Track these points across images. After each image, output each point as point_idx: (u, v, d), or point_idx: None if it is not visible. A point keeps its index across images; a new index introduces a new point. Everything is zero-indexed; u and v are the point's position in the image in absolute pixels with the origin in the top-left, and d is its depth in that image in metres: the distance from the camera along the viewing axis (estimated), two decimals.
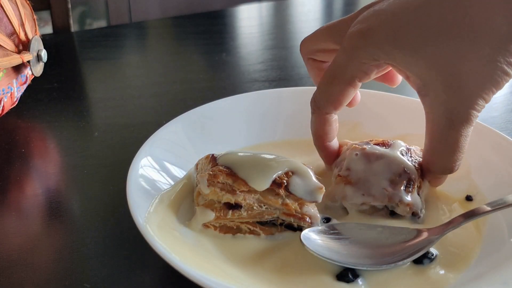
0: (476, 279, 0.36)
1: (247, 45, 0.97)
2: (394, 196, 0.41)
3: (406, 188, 0.41)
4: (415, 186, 0.42)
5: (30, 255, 0.42)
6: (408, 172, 0.42)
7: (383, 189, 0.41)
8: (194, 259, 0.37)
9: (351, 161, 0.43)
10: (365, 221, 0.42)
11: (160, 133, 0.48)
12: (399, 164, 0.42)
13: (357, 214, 0.42)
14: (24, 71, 0.62)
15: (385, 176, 0.41)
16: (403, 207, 0.41)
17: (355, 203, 0.42)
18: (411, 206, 0.41)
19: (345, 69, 0.41)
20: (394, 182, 0.41)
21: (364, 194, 0.41)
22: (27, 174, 0.54)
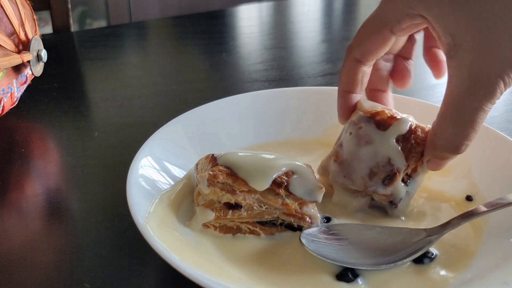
0: (476, 279, 0.36)
1: (247, 45, 0.97)
2: (370, 187, 0.42)
3: (384, 180, 0.41)
4: (397, 178, 0.41)
5: (30, 255, 0.42)
6: (392, 164, 0.41)
7: (361, 177, 0.42)
8: (194, 259, 0.37)
9: (344, 138, 0.44)
10: (366, 220, 0.43)
11: (160, 133, 0.48)
12: (385, 155, 0.41)
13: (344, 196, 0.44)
14: (24, 71, 0.62)
15: (368, 164, 0.41)
16: (379, 197, 0.42)
17: (337, 181, 0.43)
18: (387, 197, 0.42)
19: (380, 14, 0.40)
20: (374, 172, 0.41)
21: (345, 176, 0.42)
22: (27, 174, 0.54)
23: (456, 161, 0.47)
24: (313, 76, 0.78)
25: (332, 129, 0.54)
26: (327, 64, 0.83)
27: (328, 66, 0.82)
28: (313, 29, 1.07)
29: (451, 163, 0.47)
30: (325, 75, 0.78)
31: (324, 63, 0.84)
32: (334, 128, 0.54)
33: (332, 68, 0.81)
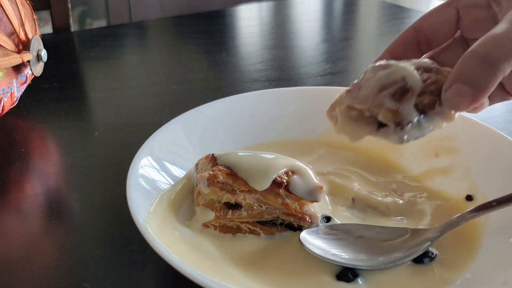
0: (476, 279, 0.36)
1: (247, 45, 0.97)
2: (376, 99, 0.36)
3: (395, 94, 0.36)
4: (409, 95, 0.36)
5: (30, 255, 0.42)
6: (406, 82, 0.36)
7: (370, 92, 0.37)
8: (194, 259, 0.37)
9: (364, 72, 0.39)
10: (366, 220, 0.43)
11: (160, 133, 0.48)
12: (401, 74, 0.37)
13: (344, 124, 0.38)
14: (24, 70, 0.62)
15: (380, 81, 0.37)
16: (385, 113, 0.36)
17: (343, 108, 0.38)
18: (394, 113, 0.36)
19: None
20: (385, 86, 0.37)
21: (352, 97, 0.38)
22: (27, 174, 0.54)
23: (456, 161, 0.47)
24: (313, 76, 0.78)
25: (332, 129, 0.54)
26: (327, 64, 0.83)
27: (328, 66, 0.82)
28: (313, 29, 1.07)
29: (452, 163, 0.47)
30: (325, 75, 0.78)
31: (324, 63, 0.84)
32: None
33: (332, 68, 0.81)
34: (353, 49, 0.94)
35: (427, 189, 0.46)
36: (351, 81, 0.39)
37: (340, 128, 0.39)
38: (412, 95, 0.36)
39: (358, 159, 0.51)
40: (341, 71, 0.80)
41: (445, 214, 0.43)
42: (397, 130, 0.36)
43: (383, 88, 0.36)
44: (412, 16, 1.09)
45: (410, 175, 0.48)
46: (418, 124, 0.36)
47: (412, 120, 0.36)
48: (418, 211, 0.44)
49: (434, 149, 0.48)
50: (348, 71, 0.81)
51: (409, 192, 0.46)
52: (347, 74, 0.79)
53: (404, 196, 0.45)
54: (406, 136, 0.36)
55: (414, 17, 1.08)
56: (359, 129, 0.38)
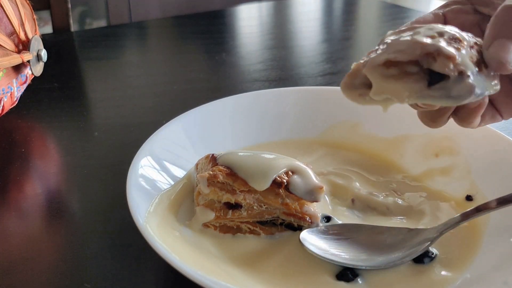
0: (476, 279, 0.36)
1: (247, 45, 0.97)
2: (429, 46, 0.30)
3: (449, 41, 0.31)
4: (464, 45, 0.31)
5: (30, 255, 0.42)
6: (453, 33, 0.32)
7: (415, 42, 0.31)
8: (194, 259, 0.37)
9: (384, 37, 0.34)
10: (366, 220, 0.43)
11: (160, 133, 0.48)
12: (443, 28, 0.32)
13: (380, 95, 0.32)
14: (24, 70, 0.62)
15: (422, 34, 0.32)
16: (443, 60, 0.29)
17: (378, 65, 0.31)
18: (454, 60, 0.30)
19: None
20: (433, 37, 0.31)
21: (390, 52, 0.31)
22: (27, 174, 0.54)
23: (456, 161, 0.47)
24: (313, 76, 0.78)
25: (332, 129, 0.54)
26: (327, 64, 0.83)
27: (328, 66, 0.82)
28: (313, 29, 1.07)
29: (452, 163, 0.47)
30: (325, 75, 0.78)
31: (324, 63, 0.84)
32: (334, 128, 0.54)
33: (332, 68, 0.81)
34: (353, 49, 0.94)
35: (427, 189, 0.46)
36: None
37: (380, 90, 0.31)
38: (466, 44, 0.31)
39: (358, 159, 0.51)
40: (341, 71, 0.80)
41: (445, 214, 0.43)
42: (460, 80, 0.30)
43: (431, 37, 0.31)
44: (412, 16, 1.09)
45: (410, 175, 0.48)
46: (479, 75, 0.31)
47: (473, 70, 0.30)
48: (418, 211, 0.44)
49: (434, 149, 0.48)
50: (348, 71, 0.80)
51: (409, 192, 0.46)
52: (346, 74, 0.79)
53: (404, 196, 0.45)
54: (476, 86, 0.30)
55: (414, 17, 1.08)
56: (405, 88, 0.30)
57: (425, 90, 0.30)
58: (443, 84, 0.30)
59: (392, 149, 0.51)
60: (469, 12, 0.40)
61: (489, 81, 0.31)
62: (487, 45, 0.32)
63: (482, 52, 0.32)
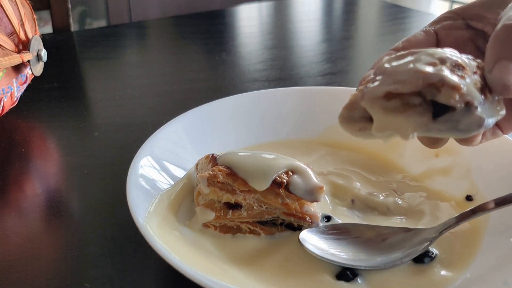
0: (476, 279, 0.36)
1: (247, 44, 0.97)
2: (432, 75, 0.28)
3: (452, 69, 0.29)
4: (468, 72, 0.29)
5: (30, 255, 0.42)
6: (455, 59, 0.30)
7: (417, 70, 0.29)
8: (194, 259, 0.37)
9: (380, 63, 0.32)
10: (366, 220, 0.43)
11: (160, 133, 0.48)
12: (444, 53, 0.30)
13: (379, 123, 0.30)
14: (24, 70, 0.62)
15: (422, 61, 0.30)
16: (448, 91, 0.28)
17: (378, 98, 0.29)
18: (460, 91, 0.28)
19: None
20: (434, 64, 0.29)
21: (389, 84, 0.29)
22: (27, 174, 0.54)
23: (456, 161, 0.47)
24: (313, 75, 0.78)
25: (332, 129, 0.54)
26: (327, 63, 0.83)
27: (328, 65, 0.82)
28: (313, 29, 1.07)
29: (452, 163, 0.47)
30: (325, 74, 0.78)
31: (324, 62, 0.84)
32: (334, 128, 0.54)
33: (332, 67, 0.81)
34: (353, 49, 0.94)
35: (427, 189, 0.46)
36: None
37: (382, 126, 0.29)
38: (469, 71, 0.30)
39: (358, 159, 0.51)
40: (341, 71, 0.80)
41: (445, 214, 0.43)
42: (468, 112, 0.28)
43: (433, 64, 0.29)
44: (412, 16, 1.09)
45: (410, 175, 0.48)
46: (484, 105, 0.29)
47: (479, 100, 0.28)
48: (418, 211, 0.44)
49: (434, 150, 0.48)
50: (348, 71, 0.81)
51: (409, 192, 0.46)
52: (347, 74, 0.79)
53: (404, 196, 0.45)
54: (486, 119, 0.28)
55: (414, 17, 1.08)
56: (409, 122, 0.29)
57: (431, 123, 0.28)
58: (449, 117, 0.28)
59: (392, 149, 0.51)
60: (461, 27, 0.39)
61: (495, 107, 0.30)
62: (489, 68, 0.31)
63: (485, 75, 0.31)
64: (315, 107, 0.55)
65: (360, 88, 0.32)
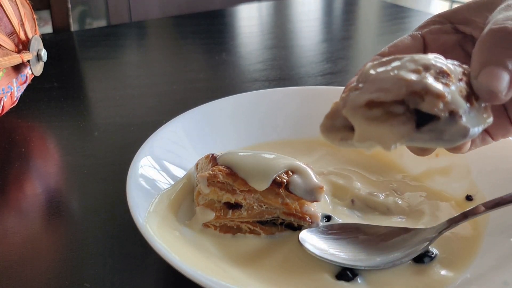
0: (476, 279, 0.36)
1: (247, 44, 0.97)
2: (415, 83, 0.27)
3: (437, 76, 0.28)
4: (452, 76, 0.28)
5: (30, 255, 0.42)
6: (440, 66, 0.29)
7: (400, 78, 0.28)
8: (194, 259, 0.37)
9: (364, 69, 0.31)
10: (366, 220, 0.43)
11: (160, 132, 0.48)
12: (429, 59, 0.29)
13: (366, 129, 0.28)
14: (24, 70, 0.62)
15: (406, 68, 0.29)
16: (431, 100, 0.27)
17: (359, 106, 0.28)
18: (444, 99, 0.27)
19: None
20: (417, 71, 0.28)
21: (373, 91, 0.28)
22: (27, 173, 0.54)
23: (456, 161, 0.47)
24: (313, 75, 0.78)
25: None
26: (327, 63, 0.83)
27: (328, 65, 0.82)
28: (313, 29, 1.07)
29: (451, 163, 0.47)
30: (325, 74, 0.78)
31: (324, 62, 0.84)
32: None
33: (332, 67, 0.81)
34: (353, 49, 0.94)
35: (427, 189, 0.46)
36: None
37: (364, 136, 0.28)
38: (454, 78, 0.28)
39: (358, 159, 0.51)
40: (341, 71, 0.80)
41: (445, 214, 0.43)
42: (452, 121, 0.27)
43: (417, 71, 0.28)
44: (412, 16, 1.09)
45: (410, 175, 0.48)
46: (470, 115, 0.28)
47: (465, 108, 0.27)
48: (418, 211, 0.44)
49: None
50: (348, 70, 0.81)
51: (409, 192, 0.46)
52: (347, 73, 0.79)
53: (404, 196, 0.45)
54: (471, 129, 0.27)
55: (414, 16, 1.08)
56: (391, 132, 0.28)
57: (414, 133, 0.27)
58: (433, 126, 0.27)
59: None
60: (449, 32, 0.38)
61: (481, 115, 0.29)
62: (475, 74, 0.29)
63: (471, 82, 0.29)
64: (315, 107, 0.55)
65: (342, 96, 0.31)
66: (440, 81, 0.28)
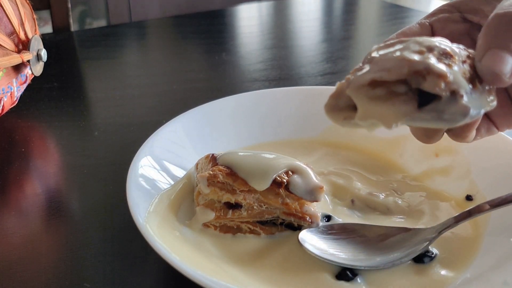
0: (476, 279, 0.36)
1: (247, 44, 0.97)
2: (417, 63, 0.27)
3: (439, 57, 0.28)
4: (455, 61, 0.29)
5: (30, 255, 0.42)
6: (443, 47, 0.29)
7: (402, 59, 0.28)
8: (194, 259, 0.37)
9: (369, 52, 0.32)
10: (366, 220, 0.43)
11: (160, 132, 0.48)
12: (433, 41, 0.30)
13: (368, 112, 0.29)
14: (24, 70, 0.62)
15: (410, 49, 0.29)
16: (433, 79, 0.27)
17: (362, 86, 0.29)
18: (446, 79, 0.27)
19: None
20: (421, 52, 0.29)
21: (375, 72, 0.29)
22: (27, 173, 0.54)
23: (456, 161, 0.47)
24: (313, 75, 0.78)
25: (332, 129, 0.54)
26: (327, 63, 0.83)
27: (328, 65, 0.82)
28: (313, 29, 1.07)
29: (451, 163, 0.47)
30: (325, 74, 0.78)
31: (324, 62, 0.84)
32: (334, 128, 0.54)
33: (332, 67, 0.81)
34: (353, 49, 0.94)
35: (427, 189, 0.46)
36: None
37: (365, 114, 0.29)
38: (458, 59, 0.29)
39: (358, 159, 0.51)
40: (341, 71, 0.80)
41: (445, 214, 0.43)
42: (453, 101, 0.27)
43: (420, 52, 0.28)
44: (412, 16, 1.09)
45: (410, 175, 0.48)
46: (472, 95, 0.28)
47: (466, 89, 0.28)
48: (418, 211, 0.44)
49: (434, 149, 0.48)
50: (348, 70, 0.80)
51: (409, 192, 0.46)
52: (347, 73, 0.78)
53: (404, 196, 0.45)
54: (471, 108, 0.27)
55: (414, 16, 1.08)
56: (393, 110, 0.28)
57: (415, 112, 0.28)
58: (434, 106, 0.27)
59: (392, 148, 0.51)
60: (458, 21, 0.38)
61: (485, 97, 0.29)
62: (479, 57, 0.30)
63: (475, 65, 0.30)
64: (315, 107, 0.55)
65: (347, 77, 0.31)
66: (443, 61, 0.28)
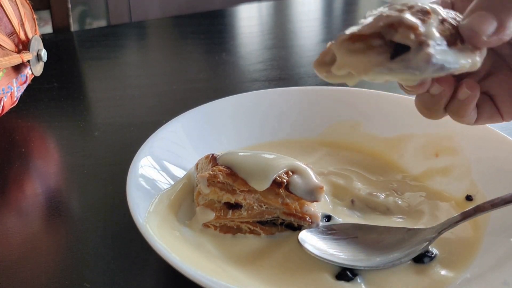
0: (476, 279, 0.36)
1: (247, 44, 0.97)
2: (391, 17, 0.29)
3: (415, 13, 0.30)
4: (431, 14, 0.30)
5: (30, 255, 0.42)
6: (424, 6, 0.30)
7: (380, 15, 0.30)
8: (194, 259, 0.37)
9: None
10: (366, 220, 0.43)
11: (160, 133, 0.48)
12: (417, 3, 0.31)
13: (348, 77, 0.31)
14: (24, 70, 0.62)
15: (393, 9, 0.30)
16: (404, 31, 0.28)
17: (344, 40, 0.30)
18: (416, 30, 0.28)
19: None
20: (401, 10, 0.30)
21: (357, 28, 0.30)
22: (27, 173, 0.54)
23: (456, 161, 0.47)
24: (313, 75, 0.78)
25: (332, 129, 0.54)
26: None
27: None
28: (313, 29, 1.07)
29: (452, 163, 0.47)
30: None
31: None
32: (334, 128, 0.54)
33: None
34: None
35: (427, 189, 0.46)
36: None
37: (341, 64, 0.31)
38: (436, 16, 0.30)
39: (358, 159, 0.51)
40: None
41: (445, 214, 0.43)
42: (419, 50, 0.28)
43: (398, 10, 0.30)
44: None
45: (410, 175, 0.48)
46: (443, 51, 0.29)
47: (437, 41, 0.29)
48: (418, 211, 0.44)
49: (434, 149, 0.49)
50: None
51: (409, 192, 0.46)
52: None
53: (404, 196, 0.45)
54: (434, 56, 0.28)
55: None
56: (367, 60, 0.29)
57: (386, 63, 0.29)
58: (404, 56, 0.28)
59: (392, 149, 0.51)
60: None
61: (464, 56, 0.30)
62: (465, 17, 0.30)
63: (459, 24, 0.30)
64: (315, 107, 0.55)
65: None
66: (418, 16, 0.29)
